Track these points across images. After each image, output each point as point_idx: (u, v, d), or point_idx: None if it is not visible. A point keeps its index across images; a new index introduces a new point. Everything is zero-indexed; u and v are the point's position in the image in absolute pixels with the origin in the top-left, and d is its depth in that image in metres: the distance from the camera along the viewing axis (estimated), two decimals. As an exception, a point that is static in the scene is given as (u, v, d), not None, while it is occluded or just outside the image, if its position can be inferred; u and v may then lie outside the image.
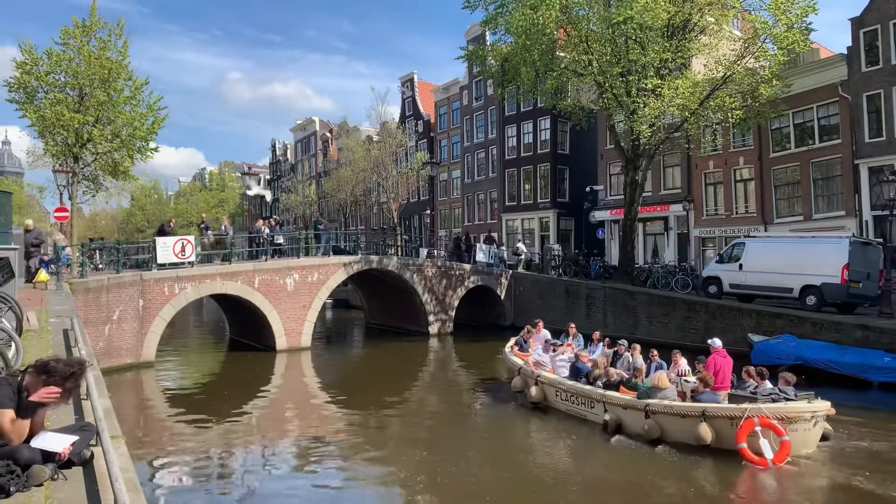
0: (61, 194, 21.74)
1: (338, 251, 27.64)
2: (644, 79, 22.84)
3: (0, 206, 12.34)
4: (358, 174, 48.12)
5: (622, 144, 26.29)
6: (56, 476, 4.57)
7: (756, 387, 11.10)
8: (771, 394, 10.69)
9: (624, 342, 14.69)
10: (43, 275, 18.27)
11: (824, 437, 10.68)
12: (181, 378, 20.32)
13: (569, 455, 11.21)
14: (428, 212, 45.77)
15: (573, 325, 17.74)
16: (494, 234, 39.65)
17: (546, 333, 17.02)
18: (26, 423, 4.65)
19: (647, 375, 12.50)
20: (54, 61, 20.84)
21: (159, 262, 21.03)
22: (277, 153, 73.44)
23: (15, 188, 72.10)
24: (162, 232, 23.40)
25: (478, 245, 32.60)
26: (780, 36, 21.50)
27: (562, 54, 25.35)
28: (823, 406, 10.34)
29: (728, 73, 22.77)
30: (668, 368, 12.82)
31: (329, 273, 25.03)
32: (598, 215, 35.06)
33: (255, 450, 11.87)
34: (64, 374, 4.68)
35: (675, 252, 31.55)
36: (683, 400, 11.22)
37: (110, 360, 18.65)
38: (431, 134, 49.15)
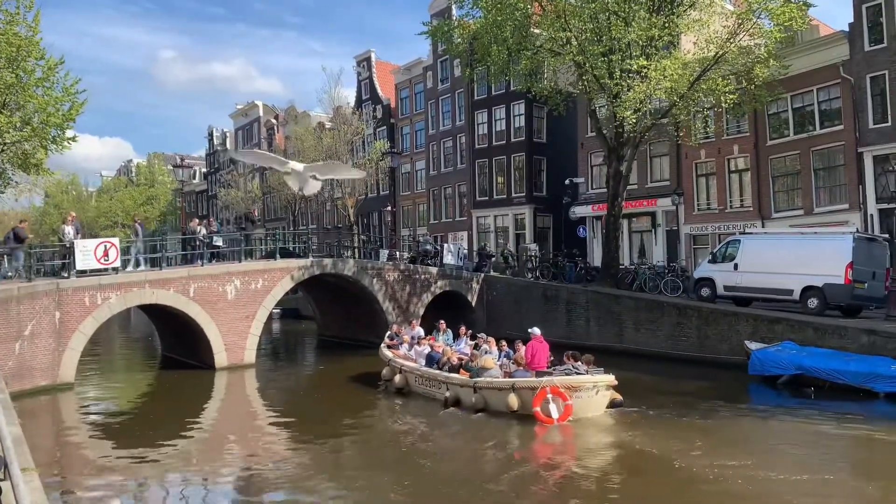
0: (-38, 191, 21.25)
1: (286, 254, 27.46)
2: (628, 58, 23.12)
3: None
4: (308, 166, 47.80)
5: (604, 132, 26.58)
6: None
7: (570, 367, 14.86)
8: (565, 369, 14.65)
9: (483, 335, 18.84)
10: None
11: (615, 405, 14.70)
12: (105, 401, 19.95)
13: (413, 426, 15.46)
14: (389, 208, 45.77)
15: (442, 322, 21.16)
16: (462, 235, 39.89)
17: (419, 331, 21.10)
18: None
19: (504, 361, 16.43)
20: (-48, 37, 20.38)
21: (79, 268, 20.65)
22: (215, 142, 72.60)
23: None
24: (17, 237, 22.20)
25: (445, 246, 32.69)
26: (776, 11, 21.99)
27: (537, 31, 25.56)
28: (604, 378, 14.40)
29: (720, 53, 23.15)
30: (514, 355, 16.44)
31: (275, 279, 24.84)
32: (579, 211, 35.42)
33: (191, 482, 11.72)
34: None
35: (664, 251, 32.03)
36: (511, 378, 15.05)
37: (21, 383, 18.26)
38: (392, 120, 49.14)
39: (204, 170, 76.39)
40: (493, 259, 32.93)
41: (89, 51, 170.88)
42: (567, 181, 35.36)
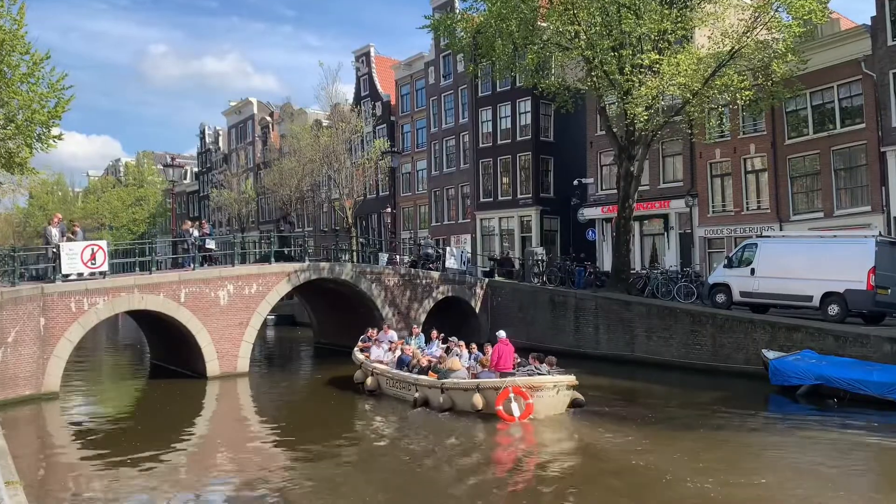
0: (-57, 191, 21.32)
1: (281, 257, 27.47)
2: (640, 53, 23.12)
3: None
4: (304, 166, 47.79)
5: (615, 130, 26.59)
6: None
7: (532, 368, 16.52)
8: (528, 370, 16.33)
9: (454, 339, 20.07)
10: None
11: (578, 405, 16.28)
12: (92, 412, 19.98)
13: (383, 426, 17.22)
14: (388, 210, 45.81)
15: (416, 326, 23.71)
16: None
17: (392, 335, 22.55)
18: None
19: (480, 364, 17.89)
20: (-68, 31, 20.43)
21: (65, 272, 20.69)
22: (207, 141, 72.70)
23: None
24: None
25: (448, 249, 32.70)
26: (794, 4, 21.98)
27: (544, 24, 25.57)
28: (564, 379, 16.05)
29: (736, 47, 23.18)
30: (481, 356, 18.09)
31: (270, 284, 24.86)
32: (588, 213, 35.40)
33: (181, 497, 11.74)
34: None
35: (677, 255, 31.99)
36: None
37: (4, 392, 18.33)
38: (392, 118, 49.17)
39: (195, 169, 76.48)
40: (517, 268, 32.81)
41: (76, 46, 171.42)
42: (575, 182, 35.33)
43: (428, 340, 21.50)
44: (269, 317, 30.53)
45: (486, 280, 31.15)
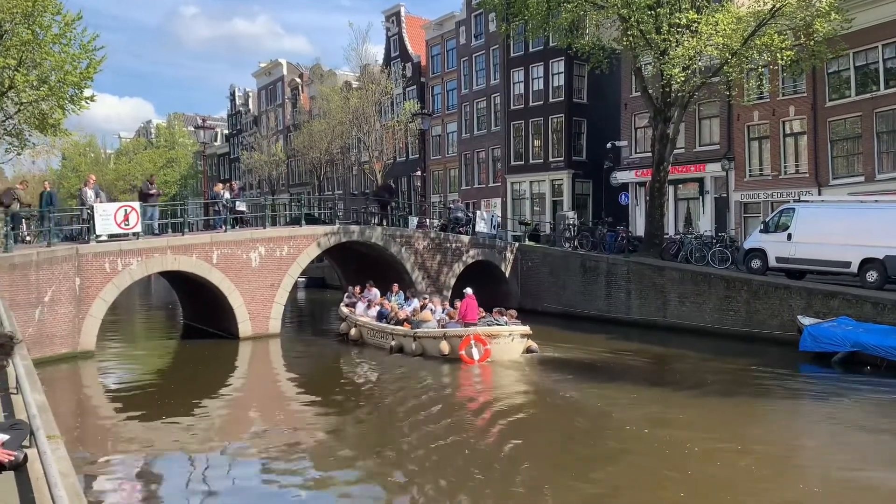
0: (-21, 153, 21.68)
1: (311, 220, 27.64)
2: (677, 12, 22.72)
3: None
4: (334, 128, 47.88)
5: (650, 91, 26.20)
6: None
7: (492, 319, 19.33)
8: (488, 321, 19.12)
9: (426, 296, 23.99)
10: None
11: (531, 351, 18.82)
12: (126, 370, 20.41)
13: (364, 368, 19.70)
14: (418, 173, 45.76)
15: (396, 285, 24.80)
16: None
17: (375, 293, 24.19)
18: None
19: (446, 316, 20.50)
20: (-35, -9, 20.61)
21: (98, 233, 21.02)
22: (237, 103, 72.90)
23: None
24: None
25: (478, 213, 32.65)
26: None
27: (579, -18, 25.16)
28: (519, 329, 18.86)
29: (777, 6, 22.62)
30: (451, 310, 20.75)
31: (301, 246, 25.06)
32: (621, 176, 35.05)
33: (213, 453, 12.00)
34: None
35: (712, 220, 31.66)
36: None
37: (42, 350, 18.69)
38: (422, 79, 48.86)
39: (226, 131, 76.81)
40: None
41: (108, 6, 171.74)
42: (609, 145, 34.95)
43: (406, 298, 23.66)
44: (299, 279, 30.83)
45: (517, 244, 31.10)
